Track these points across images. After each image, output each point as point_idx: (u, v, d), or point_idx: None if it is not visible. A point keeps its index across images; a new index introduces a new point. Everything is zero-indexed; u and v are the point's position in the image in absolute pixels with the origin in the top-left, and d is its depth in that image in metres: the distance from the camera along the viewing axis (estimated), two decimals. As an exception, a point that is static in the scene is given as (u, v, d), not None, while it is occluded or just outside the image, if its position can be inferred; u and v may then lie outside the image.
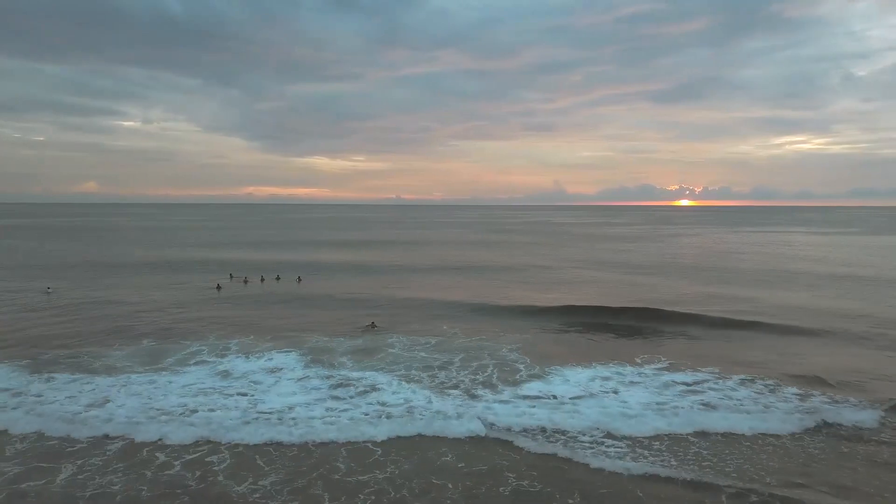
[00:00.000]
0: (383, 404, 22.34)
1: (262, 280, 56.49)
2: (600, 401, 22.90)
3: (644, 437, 19.56)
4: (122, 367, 26.93)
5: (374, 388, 24.20)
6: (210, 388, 24.23)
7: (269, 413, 21.30)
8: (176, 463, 17.64)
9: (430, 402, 22.72)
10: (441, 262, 70.22)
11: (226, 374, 25.99)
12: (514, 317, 39.25)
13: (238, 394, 23.51)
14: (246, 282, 55.40)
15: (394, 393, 23.74)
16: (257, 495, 15.79)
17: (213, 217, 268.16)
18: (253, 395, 23.24)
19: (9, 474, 16.89)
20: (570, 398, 23.24)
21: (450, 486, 16.34)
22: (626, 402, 22.78)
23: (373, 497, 15.75)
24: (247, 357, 28.73)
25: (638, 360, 28.62)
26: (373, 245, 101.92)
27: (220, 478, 16.71)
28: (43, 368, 26.44)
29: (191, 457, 18.03)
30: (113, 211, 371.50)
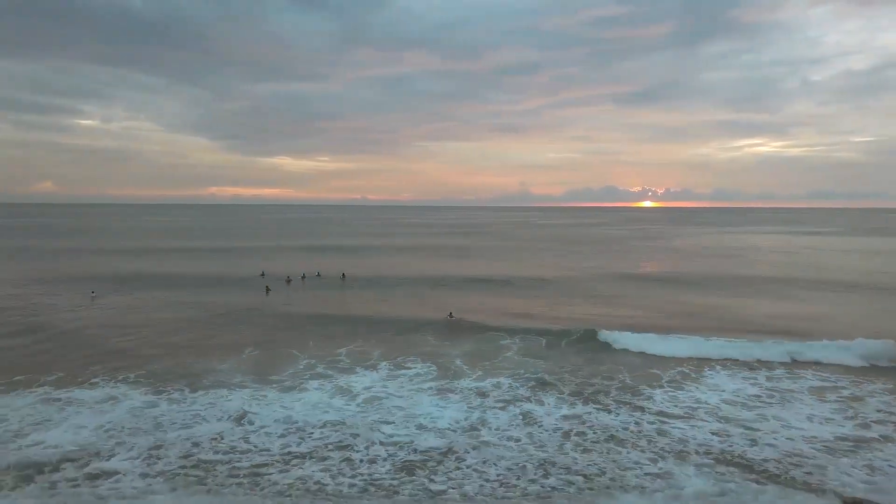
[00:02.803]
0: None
1: (304, 278, 55.09)
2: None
3: None
4: (246, 383, 25.10)
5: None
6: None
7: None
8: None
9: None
10: (465, 269, 67.68)
11: (374, 400, 24.39)
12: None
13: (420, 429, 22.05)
14: (289, 281, 53.65)
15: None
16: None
17: (188, 217, 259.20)
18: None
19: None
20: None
21: None
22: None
23: None
24: (368, 369, 27.18)
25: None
26: (379, 249, 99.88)
27: None
28: (166, 386, 24.35)
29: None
30: (77, 211, 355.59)
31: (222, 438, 18.95)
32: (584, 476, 16.27)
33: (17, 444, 18.28)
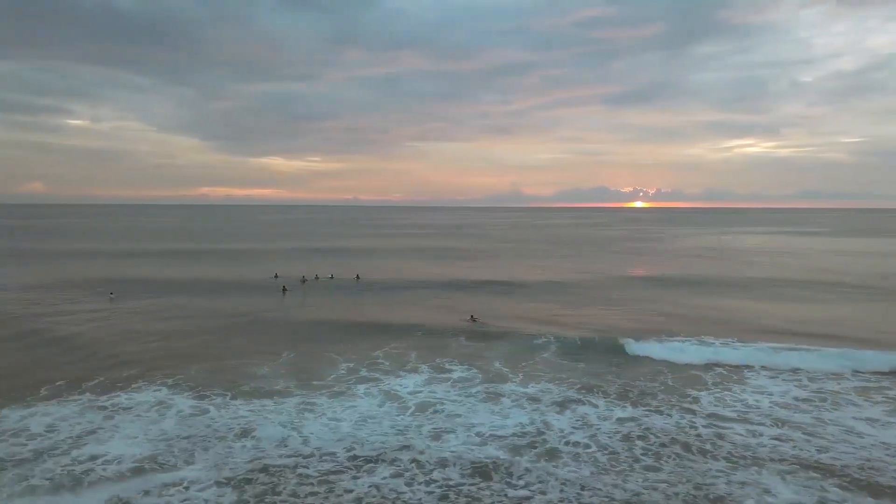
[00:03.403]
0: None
1: (317, 278, 55.30)
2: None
3: None
4: (291, 388, 24.75)
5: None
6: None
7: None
8: None
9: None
10: (473, 272, 66.80)
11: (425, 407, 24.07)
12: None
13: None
14: (304, 281, 53.83)
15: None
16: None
17: (183, 218, 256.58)
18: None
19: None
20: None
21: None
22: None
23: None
24: (410, 372, 26.94)
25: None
26: (382, 251, 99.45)
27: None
28: (207, 391, 23.93)
29: None
30: (71, 212, 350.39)
31: (285, 444, 18.64)
32: (668, 482, 16.12)
33: (73, 457, 17.77)
